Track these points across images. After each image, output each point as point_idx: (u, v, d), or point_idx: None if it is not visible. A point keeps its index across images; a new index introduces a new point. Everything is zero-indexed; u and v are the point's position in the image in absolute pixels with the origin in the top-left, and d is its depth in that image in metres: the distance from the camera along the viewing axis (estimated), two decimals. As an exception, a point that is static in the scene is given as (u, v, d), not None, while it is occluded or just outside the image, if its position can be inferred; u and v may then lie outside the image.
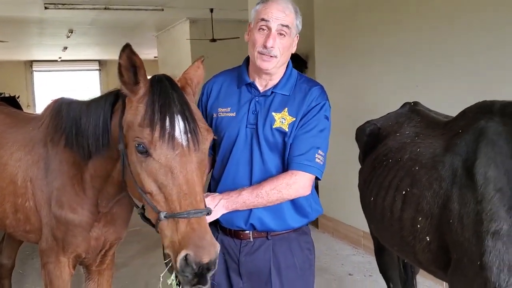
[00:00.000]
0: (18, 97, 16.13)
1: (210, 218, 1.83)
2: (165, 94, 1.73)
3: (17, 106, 12.16)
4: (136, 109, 1.75)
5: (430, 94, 3.99)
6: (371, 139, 2.91)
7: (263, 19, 1.97)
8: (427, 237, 2.18)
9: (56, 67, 21.45)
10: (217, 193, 2.00)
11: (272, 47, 1.96)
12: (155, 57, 16.07)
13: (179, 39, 11.88)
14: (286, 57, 2.05)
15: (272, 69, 2.01)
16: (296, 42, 2.08)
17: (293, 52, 2.09)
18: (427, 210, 2.18)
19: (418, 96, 3.43)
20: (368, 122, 3.06)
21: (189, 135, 1.69)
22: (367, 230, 3.05)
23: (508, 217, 1.87)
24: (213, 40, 9.88)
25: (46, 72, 21.81)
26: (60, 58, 19.76)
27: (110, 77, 21.03)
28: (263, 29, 1.98)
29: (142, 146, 1.69)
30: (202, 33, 10.70)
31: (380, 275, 3.21)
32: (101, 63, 21.71)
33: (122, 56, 1.73)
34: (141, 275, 4.65)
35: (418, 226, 2.21)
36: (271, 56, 1.97)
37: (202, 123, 1.79)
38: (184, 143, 1.68)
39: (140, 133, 1.70)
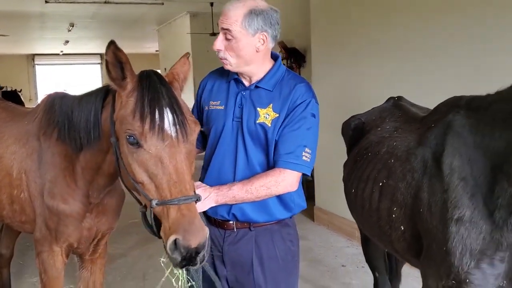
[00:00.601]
0: (20, 90, 16.26)
1: (198, 209, 1.90)
2: (154, 88, 1.79)
3: (19, 100, 12.25)
4: (126, 103, 1.81)
5: (423, 89, 4.03)
6: (356, 133, 2.97)
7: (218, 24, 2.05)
8: (402, 227, 2.26)
9: (58, 60, 21.51)
10: (208, 186, 2.05)
11: (218, 49, 2.03)
12: (156, 51, 16.09)
13: (179, 33, 11.90)
14: (247, 58, 2.03)
15: (234, 69, 2.07)
16: (265, 40, 2.01)
17: (258, 50, 2.03)
18: (401, 200, 2.26)
19: (412, 91, 3.46)
20: (353, 116, 3.13)
21: (177, 127, 1.75)
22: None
23: (470, 203, 1.95)
24: (213, 34, 9.87)
25: (48, 65, 21.89)
26: (61, 51, 19.80)
27: (111, 70, 20.98)
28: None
29: (133, 138, 1.74)
30: (203, 27, 10.71)
31: (372, 266, 3.26)
32: (103, 56, 21.60)
33: (108, 53, 1.79)
34: (139, 265, 4.74)
35: (394, 216, 2.29)
36: (221, 59, 2.04)
37: (189, 116, 1.85)
38: (173, 134, 1.74)
39: (131, 126, 1.75)
